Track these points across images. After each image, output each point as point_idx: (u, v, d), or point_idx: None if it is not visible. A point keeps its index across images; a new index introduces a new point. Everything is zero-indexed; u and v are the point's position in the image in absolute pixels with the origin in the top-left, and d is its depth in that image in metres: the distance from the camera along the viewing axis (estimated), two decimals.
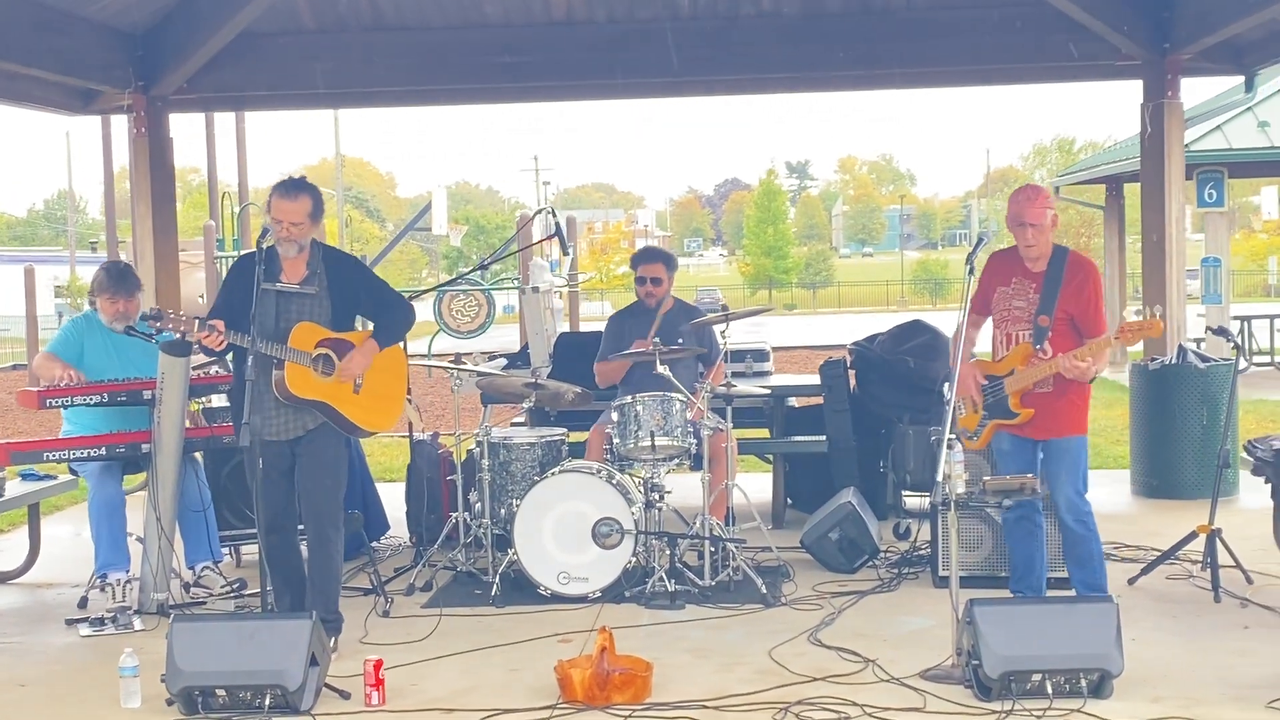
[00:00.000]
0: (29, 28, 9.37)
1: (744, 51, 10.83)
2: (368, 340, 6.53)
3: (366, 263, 19.47)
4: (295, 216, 6.35)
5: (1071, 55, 10.57)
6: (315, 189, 6.56)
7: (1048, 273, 6.48)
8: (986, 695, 5.51)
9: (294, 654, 5.58)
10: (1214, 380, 9.68)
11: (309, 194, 6.44)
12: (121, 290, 7.61)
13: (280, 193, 6.42)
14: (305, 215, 6.39)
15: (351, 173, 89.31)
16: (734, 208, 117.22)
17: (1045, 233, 6.47)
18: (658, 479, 7.50)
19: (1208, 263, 18.04)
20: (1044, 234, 6.47)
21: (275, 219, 6.38)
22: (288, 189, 6.43)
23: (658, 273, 8.39)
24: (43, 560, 8.47)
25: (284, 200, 6.38)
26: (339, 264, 6.65)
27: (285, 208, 6.36)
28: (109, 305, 7.62)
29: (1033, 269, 6.52)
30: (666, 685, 5.82)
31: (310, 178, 6.82)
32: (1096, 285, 6.51)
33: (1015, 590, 6.69)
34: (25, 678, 6.33)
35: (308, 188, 6.50)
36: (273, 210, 6.42)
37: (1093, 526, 6.54)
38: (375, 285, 6.77)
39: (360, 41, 11.09)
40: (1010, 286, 6.57)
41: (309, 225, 6.42)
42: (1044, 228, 6.46)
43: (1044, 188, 6.70)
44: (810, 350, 27.05)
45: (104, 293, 7.62)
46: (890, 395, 9.04)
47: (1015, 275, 6.57)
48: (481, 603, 7.30)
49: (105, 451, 7.27)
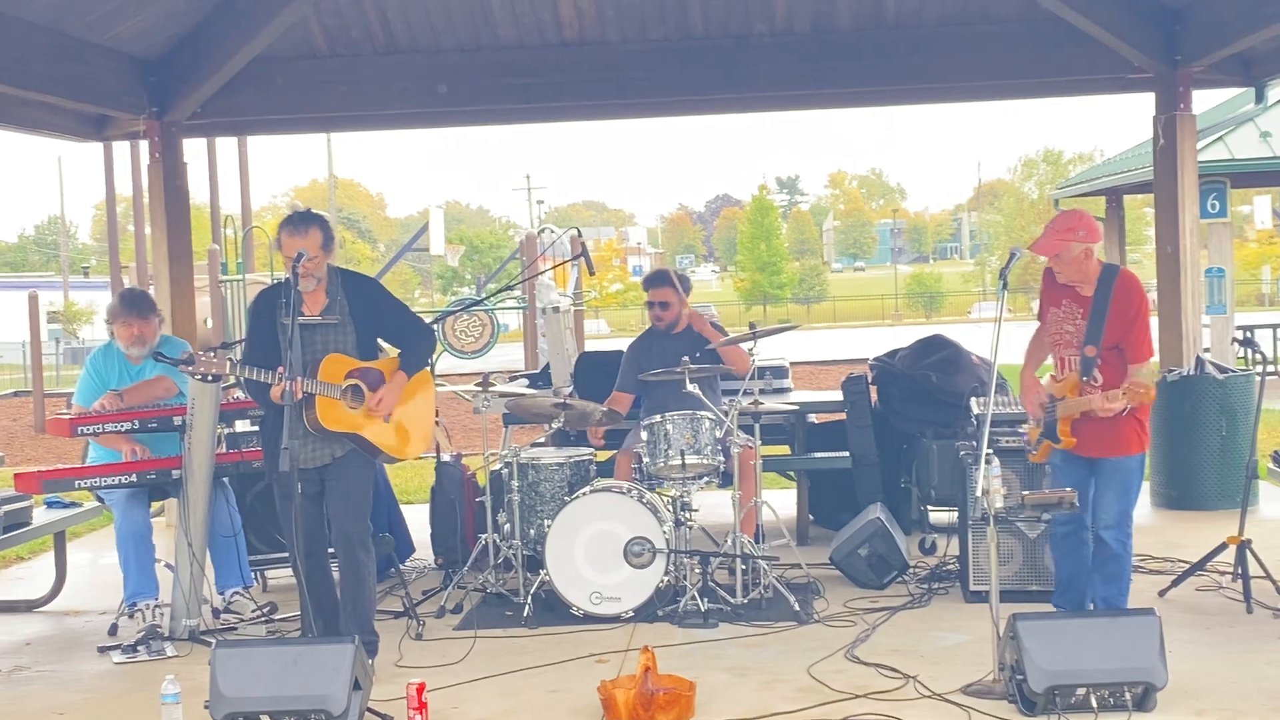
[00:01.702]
0: (45, 55, 9.39)
1: (757, 70, 10.86)
2: (396, 373, 6.53)
3: None
4: (309, 249, 6.30)
5: (1083, 69, 10.61)
6: (322, 218, 6.50)
7: (1095, 298, 6.35)
8: (1031, 710, 5.51)
9: (337, 678, 5.56)
10: (1233, 391, 9.71)
11: (318, 225, 6.40)
12: (134, 312, 7.59)
13: (289, 230, 6.37)
14: (318, 248, 6.35)
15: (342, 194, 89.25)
16: (725, 224, 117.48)
17: (1073, 263, 6.34)
18: (687, 497, 7.51)
19: (1212, 273, 18.10)
20: (1071, 264, 6.34)
21: (288, 256, 6.34)
22: (296, 225, 6.38)
23: (665, 297, 8.42)
24: (67, 587, 8.45)
25: (294, 237, 6.34)
26: (358, 288, 6.63)
27: (296, 244, 6.31)
28: (124, 330, 7.60)
29: (1081, 292, 6.41)
30: (709, 704, 5.82)
31: (302, 200, 6.78)
32: (1140, 311, 6.35)
33: (1058, 604, 6.68)
34: (62, 706, 6.31)
35: (315, 219, 6.46)
36: (283, 248, 6.38)
37: (1130, 548, 6.52)
38: (395, 308, 6.75)
39: (373, 65, 11.11)
40: (1061, 309, 6.50)
41: (323, 257, 6.39)
42: (1067, 259, 6.33)
43: (1074, 212, 6.48)
44: (810, 366, 27.01)
45: (118, 318, 7.60)
46: (913, 410, 9.04)
47: (1065, 298, 6.48)
48: (514, 624, 7.29)
49: (137, 478, 7.27)
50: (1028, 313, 44.17)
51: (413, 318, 6.82)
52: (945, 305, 69.74)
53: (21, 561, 9.82)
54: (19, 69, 9.10)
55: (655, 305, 8.46)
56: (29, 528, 7.88)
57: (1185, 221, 10.36)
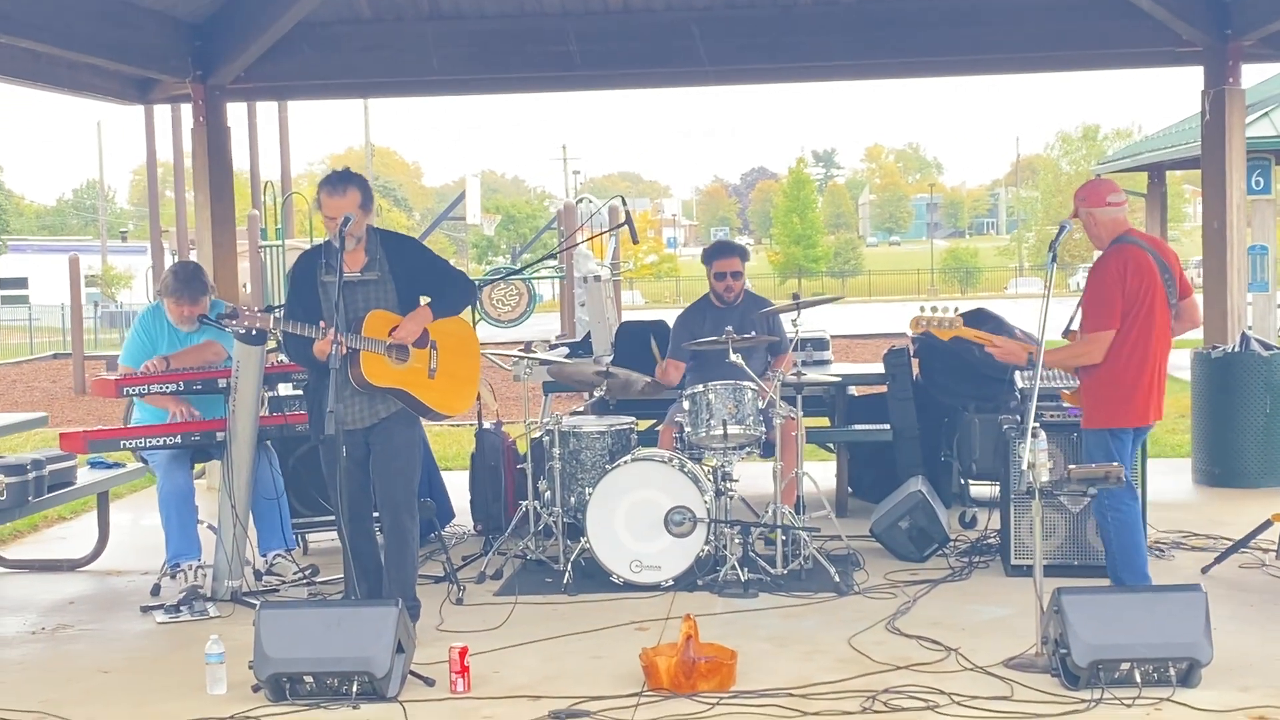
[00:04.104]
0: (90, 17, 9.42)
1: (802, 40, 10.79)
2: (422, 309, 6.48)
3: None
4: (349, 209, 6.30)
5: (1132, 42, 10.52)
6: (361, 178, 6.48)
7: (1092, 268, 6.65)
8: (1074, 684, 5.50)
9: (380, 641, 5.60)
10: (1278, 368, 9.63)
11: (356, 185, 6.38)
12: (186, 295, 7.60)
13: (328, 190, 6.35)
14: (357, 207, 6.34)
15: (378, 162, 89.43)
16: (760, 197, 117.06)
17: (1087, 229, 6.59)
18: (728, 467, 7.50)
19: (1255, 250, 17.93)
20: (1087, 231, 6.59)
21: (328, 216, 6.34)
22: (334, 185, 6.36)
23: (735, 266, 8.39)
24: (109, 547, 8.51)
25: (333, 197, 6.32)
26: (398, 246, 6.63)
27: (336, 204, 6.31)
28: (175, 309, 7.63)
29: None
30: (749, 673, 5.81)
31: (338, 166, 6.78)
32: (1094, 282, 6.47)
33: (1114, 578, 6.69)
34: (107, 664, 6.36)
35: (354, 178, 6.44)
36: (323, 208, 6.37)
37: (1110, 522, 6.50)
38: (435, 262, 6.75)
39: (416, 31, 11.06)
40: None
41: (362, 216, 6.38)
42: (1085, 226, 6.56)
43: (1092, 181, 6.75)
44: (846, 339, 26.89)
45: (170, 296, 7.63)
46: (955, 384, 8.99)
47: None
48: (554, 590, 7.31)
49: (181, 440, 7.30)
50: (1066, 289, 43.91)
51: (453, 270, 6.83)
52: (981, 280, 69.37)
53: (64, 521, 9.89)
54: (64, 30, 9.13)
55: (727, 275, 8.40)
56: (73, 488, 7.94)
57: (1233, 197, 10.27)
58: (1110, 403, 6.43)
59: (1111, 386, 6.40)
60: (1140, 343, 6.37)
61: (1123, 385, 6.38)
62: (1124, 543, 6.49)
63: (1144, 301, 6.36)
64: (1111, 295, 6.36)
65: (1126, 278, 6.34)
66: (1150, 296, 6.37)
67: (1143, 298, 6.36)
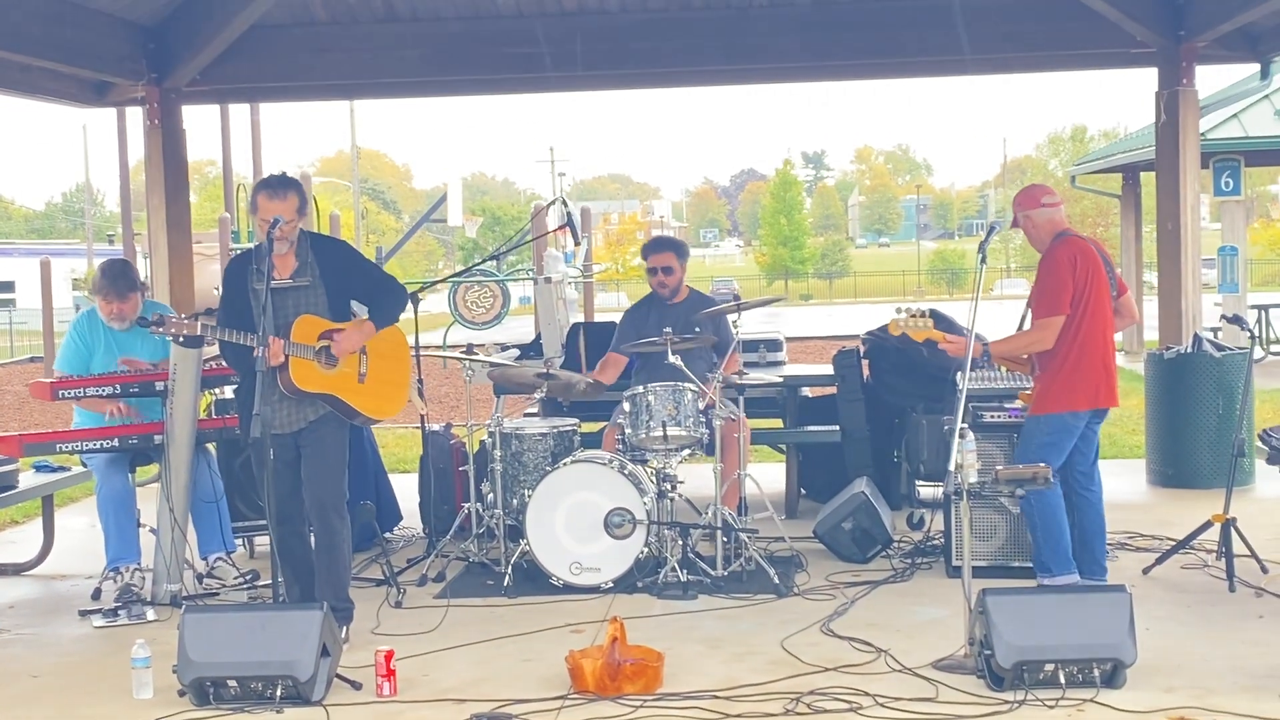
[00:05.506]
0: (41, 19, 9.39)
1: (758, 41, 10.81)
2: (364, 322, 6.49)
3: (382, 254, 19.44)
4: (285, 214, 6.31)
5: (1087, 43, 10.53)
6: (299, 184, 6.51)
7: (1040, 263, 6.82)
8: (999, 685, 5.48)
9: (305, 645, 5.57)
10: (1229, 369, 9.63)
11: (295, 191, 6.40)
12: (114, 292, 7.56)
13: (268, 192, 6.35)
14: (294, 212, 6.36)
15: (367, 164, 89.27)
16: (750, 198, 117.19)
17: (1027, 233, 6.89)
18: (670, 469, 7.49)
19: (1224, 251, 17.99)
20: (1027, 234, 6.88)
21: (263, 219, 6.31)
22: (275, 188, 6.36)
23: (668, 262, 8.37)
24: (57, 552, 8.47)
25: (273, 200, 6.32)
26: (328, 251, 6.63)
27: (274, 207, 6.30)
28: (105, 307, 7.60)
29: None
30: (678, 675, 5.80)
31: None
32: (1044, 270, 6.70)
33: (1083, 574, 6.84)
34: (38, 669, 6.33)
35: (293, 184, 6.46)
36: (259, 210, 6.35)
37: (1032, 507, 6.72)
38: (365, 268, 6.75)
39: (371, 33, 11.09)
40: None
41: (297, 221, 6.40)
42: (1025, 231, 6.90)
43: (1026, 187, 7.11)
44: (827, 340, 26.96)
45: (99, 294, 7.60)
46: (904, 384, 8.98)
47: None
48: (494, 593, 7.29)
49: (118, 443, 7.28)
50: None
51: (384, 276, 6.84)
52: (968, 281, 69.36)
53: (15, 525, 9.86)
54: (13, 32, 9.11)
55: (659, 271, 8.40)
56: (14, 491, 7.90)
57: (1186, 197, 10.28)
58: (1063, 387, 6.60)
59: (1063, 371, 6.59)
60: (1090, 327, 6.59)
61: (1077, 369, 6.58)
62: (1047, 524, 6.66)
63: (1092, 288, 6.59)
64: (1062, 281, 6.58)
65: (1076, 264, 6.58)
66: (1096, 284, 6.62)
67: (1091, 285, 6.59)
